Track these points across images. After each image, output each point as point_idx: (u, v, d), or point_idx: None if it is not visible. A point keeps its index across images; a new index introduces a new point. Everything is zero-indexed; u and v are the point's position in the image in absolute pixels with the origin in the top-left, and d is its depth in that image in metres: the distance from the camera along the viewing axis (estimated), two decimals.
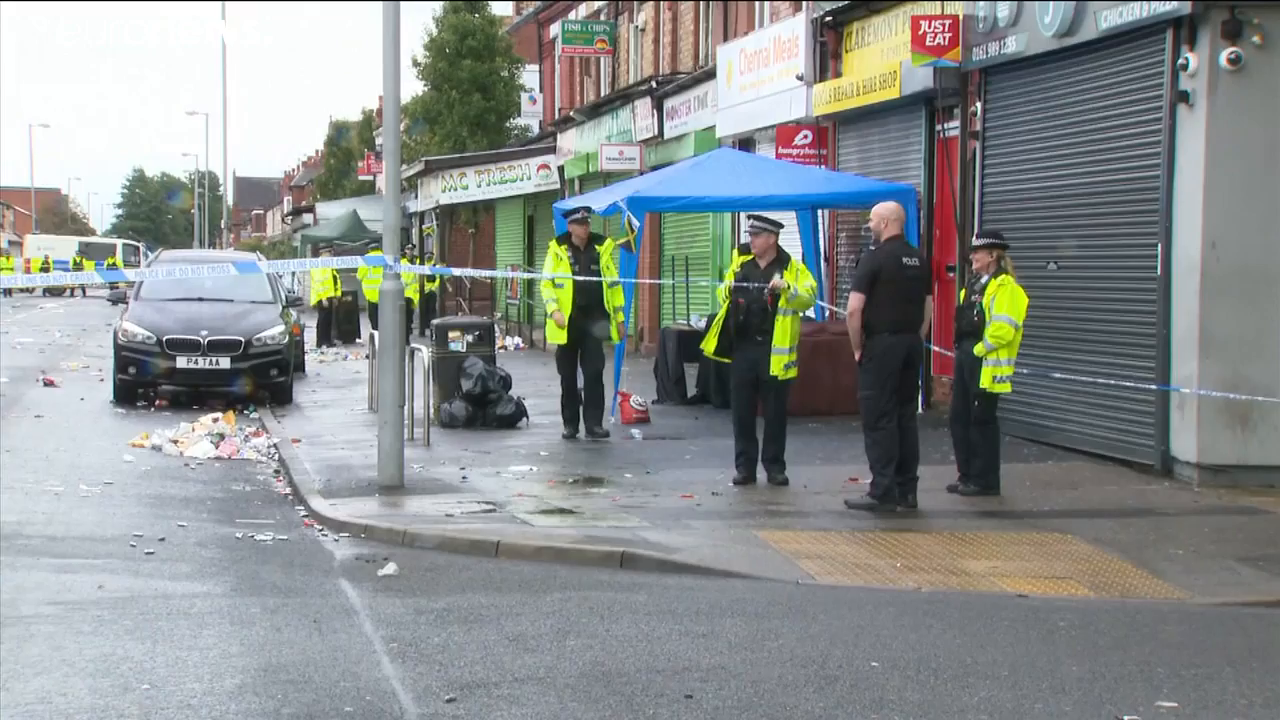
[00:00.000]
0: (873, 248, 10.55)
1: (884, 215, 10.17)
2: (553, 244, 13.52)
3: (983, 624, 7.02)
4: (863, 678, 5.98)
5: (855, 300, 10.01)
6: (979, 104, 14.15)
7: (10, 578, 7.67)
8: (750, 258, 10.94)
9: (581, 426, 13.65)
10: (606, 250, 13.37)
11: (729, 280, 11.04)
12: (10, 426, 14.93)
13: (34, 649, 6.20)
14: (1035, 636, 6.81)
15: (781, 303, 10.62)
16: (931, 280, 10.30)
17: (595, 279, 13.13)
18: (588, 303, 13.15)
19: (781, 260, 10.87)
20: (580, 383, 13.65)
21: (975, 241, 10.73)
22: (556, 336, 13.43)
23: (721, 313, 11.14)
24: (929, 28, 14.12)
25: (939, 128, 15.19)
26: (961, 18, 14.12)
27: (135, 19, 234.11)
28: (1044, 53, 12.90)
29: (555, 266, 13.21)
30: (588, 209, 13.84)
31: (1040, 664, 6.29)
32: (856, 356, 10.09)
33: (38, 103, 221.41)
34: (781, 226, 11.33)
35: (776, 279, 10.64)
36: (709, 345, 11.22)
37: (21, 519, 9.58)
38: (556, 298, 13.21)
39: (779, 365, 10.71)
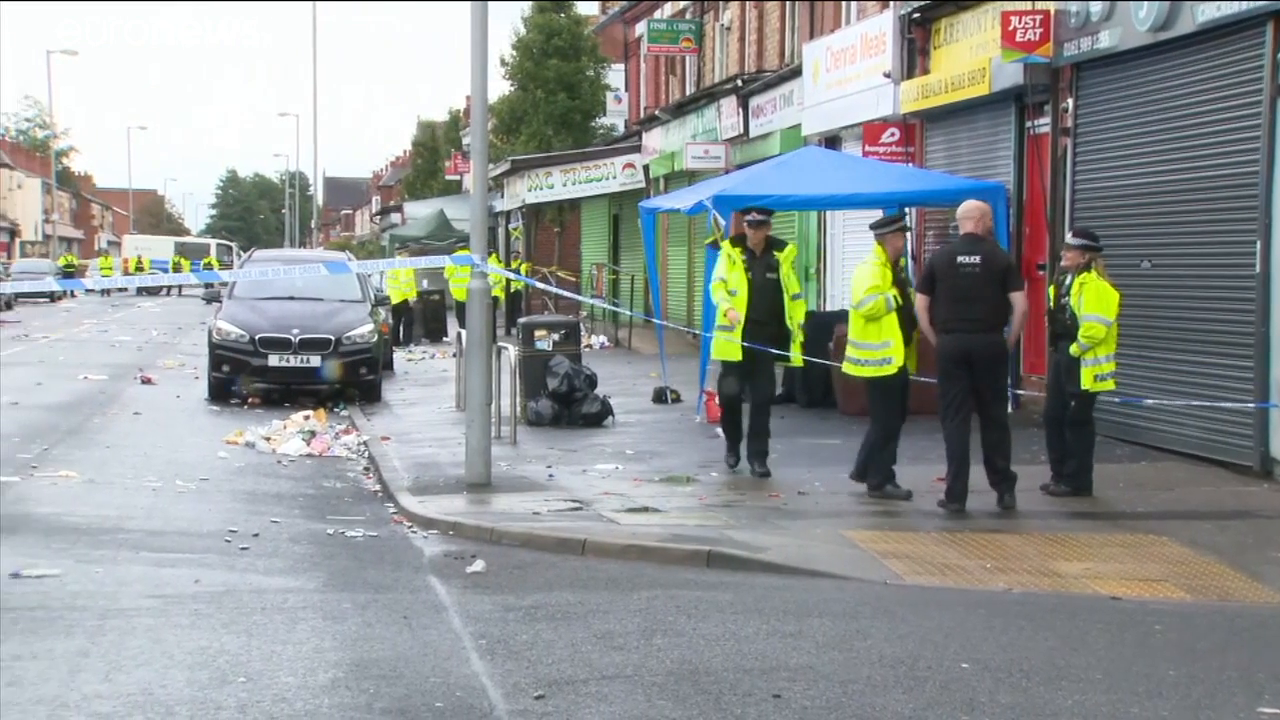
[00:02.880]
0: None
1: (960, 212, 10.19)
2: (726, 245, 11.74)
3: (1075, 626, 6.92)
4: (953, 679, 5.92)
5: (918, 300, 10.15)
6: (1070, 100, 13.95)
7: (112, 571, 7.85)
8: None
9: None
10: (788, 258, 11.48)
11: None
12: (110, 423, 15.27)
13: (135, 641, 6.33)
14: (1130, 639, 6.70)
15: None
16: (1008, 277, 10.07)
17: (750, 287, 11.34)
18: (763, 316, 11.27)
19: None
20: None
21: (1070, 240, 10.59)
22: (726, 352, 11.40)
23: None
24: (1019, 23, 13.94)
25: (1029, 124, 15.00)
26: (1053, 13, 13.92)
27: (228, 21, 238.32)
28: (1138, 47, 12.68)
29: (729, 271, 11.40)
30: (768, 210, 11.94)
31: (1136, 668, 6.18)
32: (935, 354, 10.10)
33: (135, 105, 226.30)
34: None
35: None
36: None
37: (122, 513, 9.80)
38: (731, 304, 11.35)
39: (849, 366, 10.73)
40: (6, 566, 7.76)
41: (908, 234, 10.72)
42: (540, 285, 21.82)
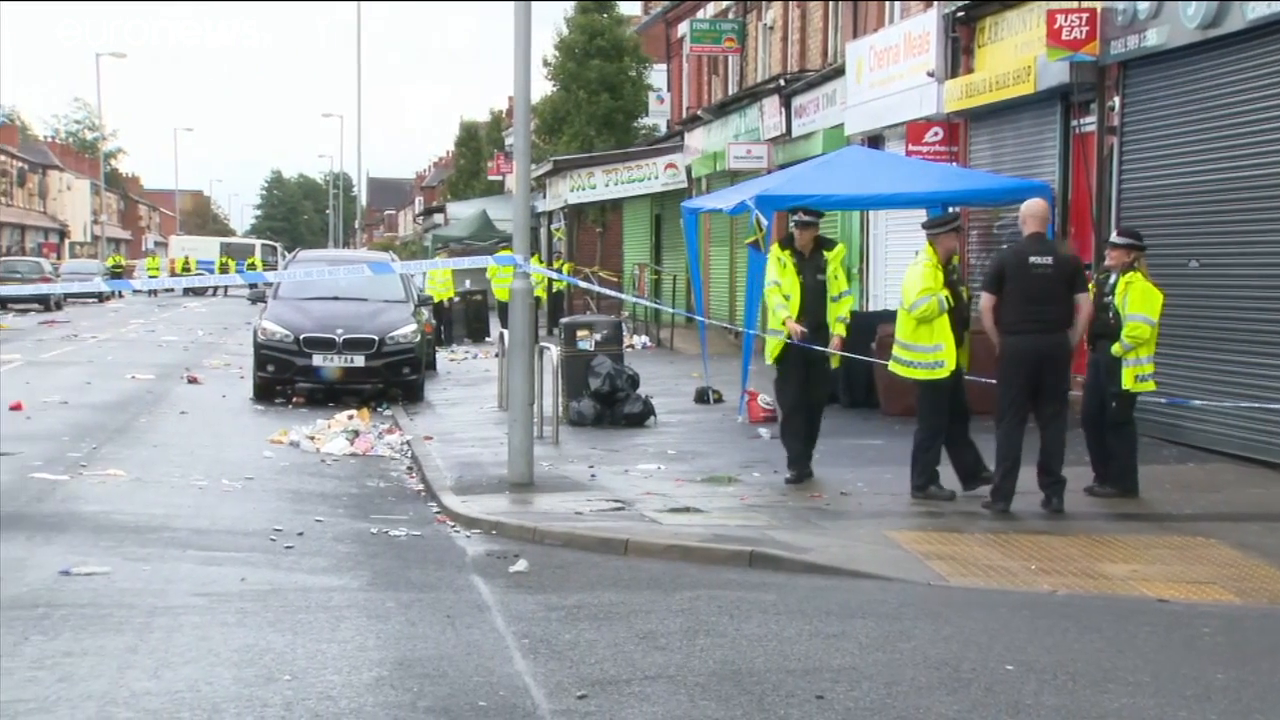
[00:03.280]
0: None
1: (1022, 212, 10.10)
2: (775, 248, 11.56)
3: (1122, 629, 6.86)
4: (998, 681, 5.89)
5: (984, 300, 9.97)
6: (1117, 98, 13.84)
7: (160, 569, 7.92)
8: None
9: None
10: (835, 258, 11.32)
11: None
12: (157, 422, 15.42)
13: (182, 638, 6.39)
14: (1178, 642, 6.64)
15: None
16: (1077, 278, 9.98)
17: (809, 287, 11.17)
18: (817, 319, 11.13)
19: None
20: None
21: (1114, 239, 10.50)
22: (779, 353, 11.26)
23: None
24: (1065, 21, 13.84)
25: (1074, 123, 14.89)
26: (1099, 11, 13.81)
27: (273, 22, 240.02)
28: (1187, 45, 12.56)
29: (781, 274, 11.23)
30: (816, 211, 11.71)
31: (1184, 671, 6.12)
32: (998, 354, 9.99)
33: (182, 106, 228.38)
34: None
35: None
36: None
37: (169, 512, 9.89)
38: (787, 308, 11.16)
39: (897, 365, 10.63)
40: (57, 564, 7.86)
41: (959, 234, 10.58)
42: (583, 284, 21.86)
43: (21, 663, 5.90)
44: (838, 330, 11.18)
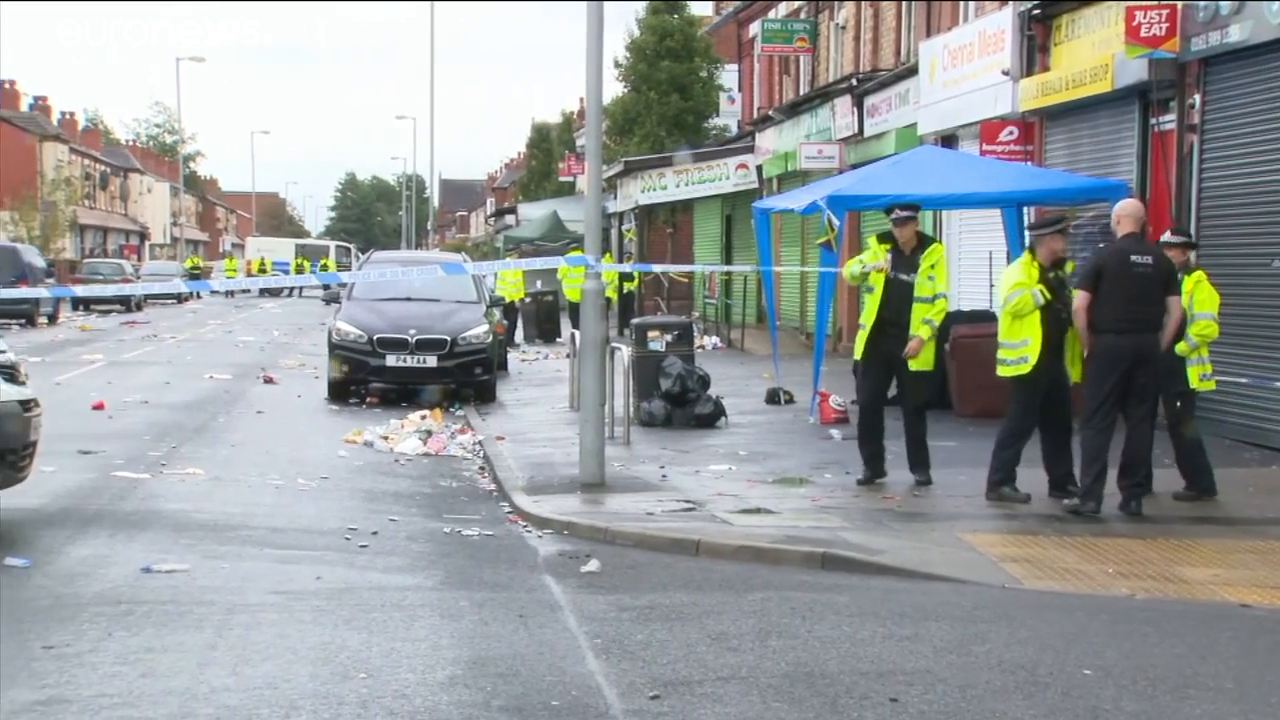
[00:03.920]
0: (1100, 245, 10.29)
1: (1117, 212, 9.97)
2: (873, 240, 11.27)
3: (1203, 634, 6.75)
4: (1075, 685, 5.82)
5: (1079, 299, 9.80)
6: (1198, 96, 13.62)
7: (238, 567, 8.03)
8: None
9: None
10: (930, 258, 10.87)
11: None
12: (234, 422, 15.64)
13: (260, 636, 6.47)
14: (1262, 648, 6.52)
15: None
16: (1172, 279, 9.84)
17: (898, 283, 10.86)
18: (899, 317, 10.82)
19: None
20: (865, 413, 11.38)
21: (1171, 239, 10.38)
22: (862, 349, 11.14)
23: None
24: (1145, 18, 13.66)
25: (1153, 121, 14.68)
26: (1180, 7, 13.61)
27: (346, 24, 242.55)
28: (1270, 41, 12.34)
29: (878, 283, 10.91)
30: (915, 205, 11.29)
31: (1269, 677, 6.01)
32: (1085, 353, 9.86)
33: (258, 109, 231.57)
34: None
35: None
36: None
37: (246, 511, 10.03)
38: (867, 303, 11.02)
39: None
40: (139, 561, 7.99)
41: (1065, 236, 10.34)
42: (657, 269, 21.98)
43: (106, 658, 6.01)
44: (919, 331, 10.77)
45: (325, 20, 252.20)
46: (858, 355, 11.25)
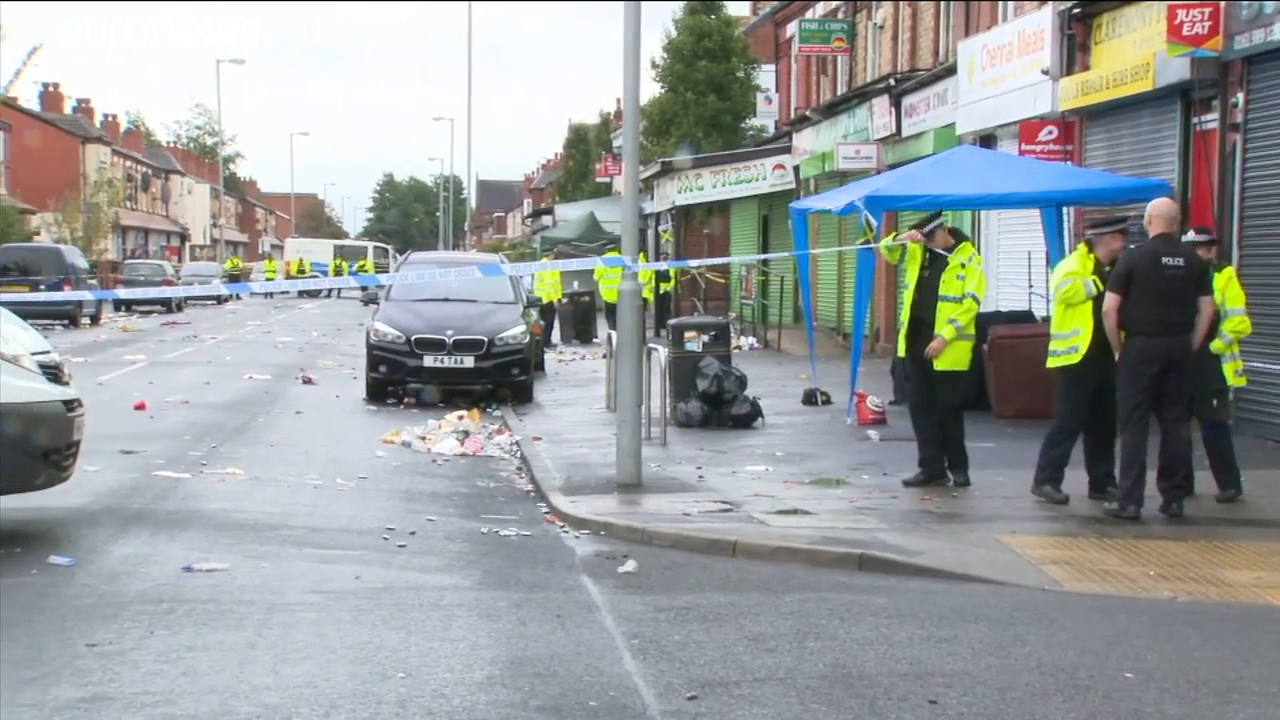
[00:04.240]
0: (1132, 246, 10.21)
1: (1149, 212, 9.88)
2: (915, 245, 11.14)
3: (1247, 637, 6.68)
4: (1116, 689, 5.77)
5: (1108, 300, 9.73)
6: (1241, 95, 13.49)
7: (277, 566, 8.08)
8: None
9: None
10: (959, 255, 10.83)
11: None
12: (274, 422, 15.74)
13: (299, 635, 6.51)
14: None
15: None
16: (1204, 279, 9.76)
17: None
18: (930, 316, 10.83)
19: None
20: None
21: (1197, 237, 10.33)
22: (902, 347, 11.27)
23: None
24: (1187, 17, 13.54)
25: (1195, 121, 14.56)
26: (1222, 6, 13.49)
27: (383, 26, 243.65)
28: None
29: (909, 265, 11.10)
30: (937, 211, 11.36)
31: None
32: (1116, 357, 9.79)
33: (296, 111, 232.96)
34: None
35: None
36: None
37: (286, 510, 10.09)
38: (904, 300, 11.17)
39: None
40: (180, 560, 8.05)
41: (1124, 236, 10.26)
42: (694, 264, 22.01)
43: (148, 656, 6.06)
44: (942, 331, 10.71)
45: (363, 22, 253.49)
46: (900, 353, 11.27)
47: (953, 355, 10.82)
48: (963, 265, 10.81)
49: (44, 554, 8.04)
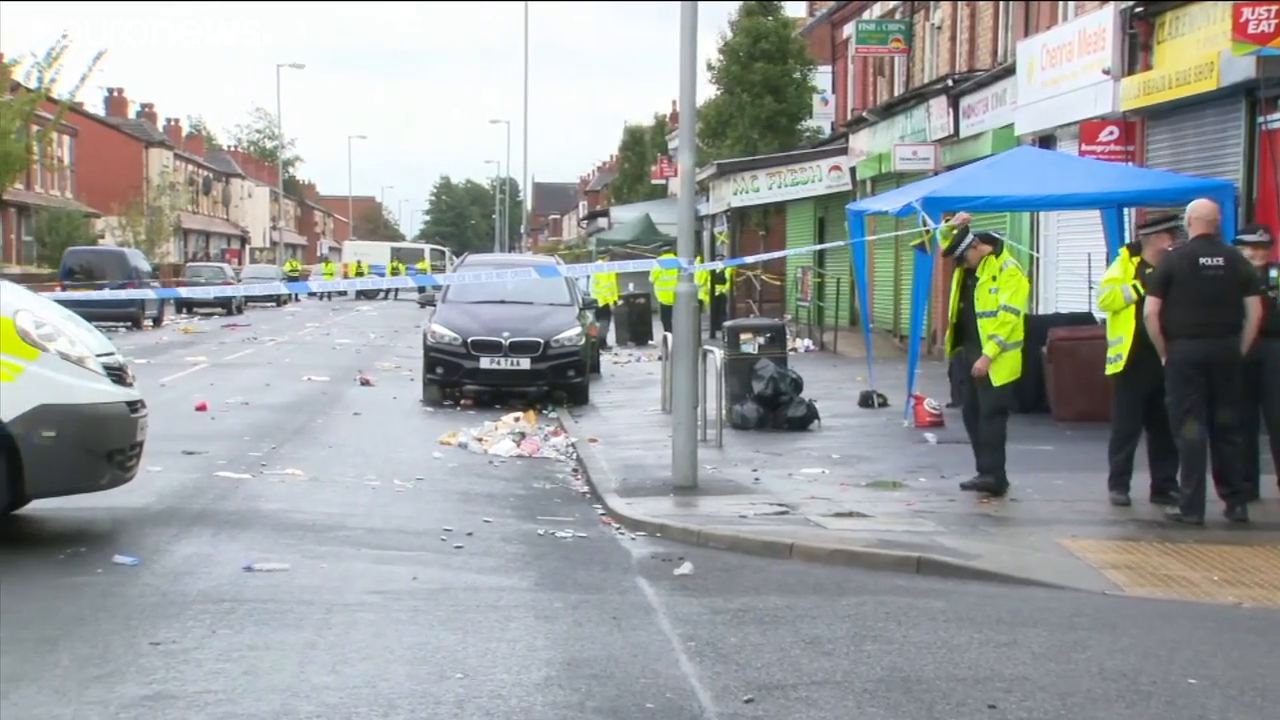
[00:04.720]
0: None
1: (1188, 214, 9.76)
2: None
3: None
4: (1179, 695, 5.71)
5: (1149, 304, 9.66)
6: None
7: (336, 566, 8.15)
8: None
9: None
10: (987, 270, 10.71)
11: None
12: (332, 423, 15.87)
13: (358, 635, 6.56)
14: None
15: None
16: (1251, 280, 9.63)
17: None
18: (970, 326, 10.80)
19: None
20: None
21: (1248, 237, 10.21)
22: (949, 348, 11.58)
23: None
24: (1252, 15, 13.36)
25: (1260, 120, 14.36)
26: None
27: (439, 28, 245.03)
28: None
29: (954, 283, 11.13)
30: (965, 231, 11.34)
31: None
32: (1163, 361, 9.69)
33: (355, 115, 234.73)
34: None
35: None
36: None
37: (344, 511, 10.17)
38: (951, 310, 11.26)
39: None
40: (241, 560, 8.14)
41: (1174, 235, 10.13)
42: (750, 259, 22.02)
43: (210, 655, 6.13)
44: (986, 350, 10.55)
45: (421, 25, 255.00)
46: (947, 353, 11.29)
47: (1004, 368, 10.66)
48: (993, 279, 10.66)
49: (109, 553, 8.16)
